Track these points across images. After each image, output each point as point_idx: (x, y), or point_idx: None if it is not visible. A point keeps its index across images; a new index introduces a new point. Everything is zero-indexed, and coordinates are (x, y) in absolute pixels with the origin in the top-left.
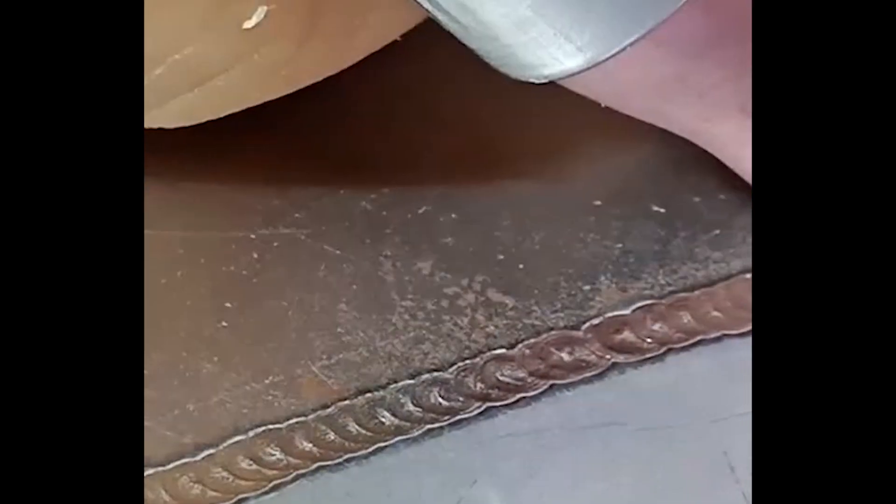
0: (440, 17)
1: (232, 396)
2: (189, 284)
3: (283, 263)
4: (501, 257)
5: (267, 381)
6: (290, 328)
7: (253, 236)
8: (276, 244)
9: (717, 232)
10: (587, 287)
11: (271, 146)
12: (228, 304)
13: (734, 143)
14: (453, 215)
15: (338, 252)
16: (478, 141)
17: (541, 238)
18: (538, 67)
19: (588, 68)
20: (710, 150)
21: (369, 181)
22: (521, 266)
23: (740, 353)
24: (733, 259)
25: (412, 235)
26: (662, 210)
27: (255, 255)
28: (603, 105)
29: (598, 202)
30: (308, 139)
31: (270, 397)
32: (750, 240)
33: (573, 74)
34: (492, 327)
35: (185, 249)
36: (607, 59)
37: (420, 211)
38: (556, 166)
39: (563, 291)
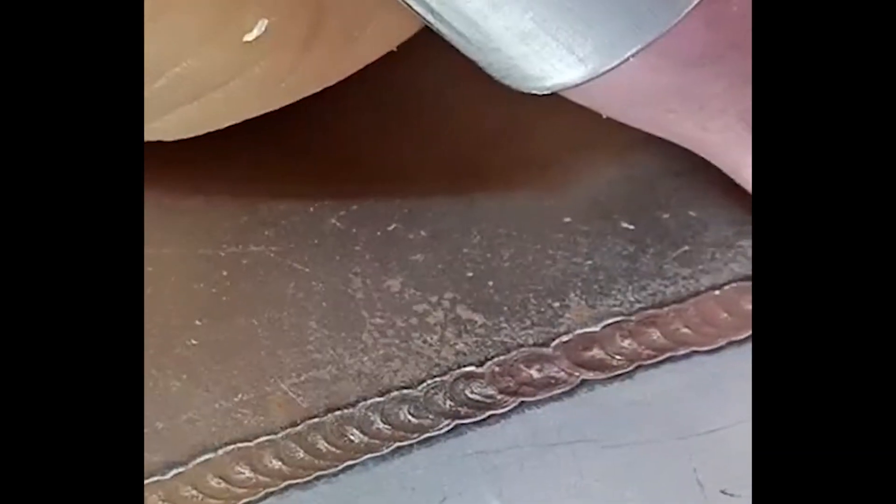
0: (442, 28)
1: (201, 414)
2: (158, 302)
3: (253, 281)
4: (471, 274)
5: (236, 399)
6: (259, 346)
7: (222, 254)
8: (245, 262)
9: (686, 248)
10: (556, 304)
11: (240, 164)
12: (198, 322)
13: (734, 153)
14: (422, 232)
15: (307, 269)
16: (446, 158)
17: (510, 255)
18: (540, 79)
19: (590, 80)
20: (709, 159)
21: (338, 198)
22: (490, 283)
23: (709, 370)
24: (702, 275)
25: (381, 253)
26: (631, 227)
27: (225, 273)
28: (605, 116)
29: (568, 219)
30: (276, 157)
31: (240, 415)
32: (718, 256)
33: (575, 86)
34: (461, 345)
35: (154, 267)
36: (609, 70)
37: (389, 228)
38: (524, 183)
39: (533, 308)
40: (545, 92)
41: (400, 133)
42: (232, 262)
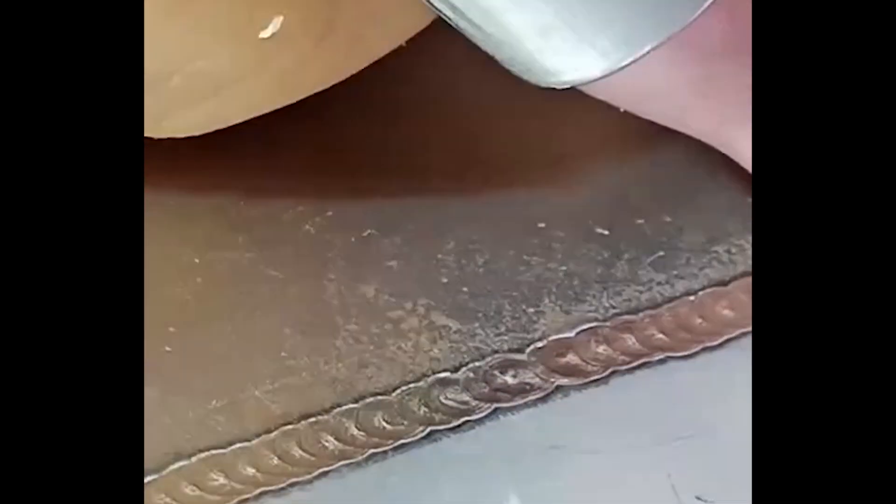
0: (462, 24)
1: (175, 421)
2: None
3: (227, 287)
4: (445, 280)
5: (210, 406)
6: (233, 352)
7: (197, 260)
8: (219, 268)
9: (661, 254)
10: (531, 310)
11: (214, 170)
12: (172, 329)
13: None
14: (397, 238)
15: (281, 276)
16: (420, 164)
17: (484, 261)
18: (561, 73)
19: (610, 74)
20: (726, 152)
21: (313, 205)
22: (464, 289)
23: (684, 376)
24: (677, 281)
25: (356, 259)
26: (606, 232)
27: (199, 280)
28: (622, 110)
29: (542, 224)
30: (251, 164)
31: (214, 422)
32: (693, 261)
33: (596, 80)
34: (436, 350)
35: None
36: (629, 64)
37: (364, 234)
38: (498, 189)
39: (507, 314)
40: (565, 86)
41: (373, 142)
42: (206, 268)
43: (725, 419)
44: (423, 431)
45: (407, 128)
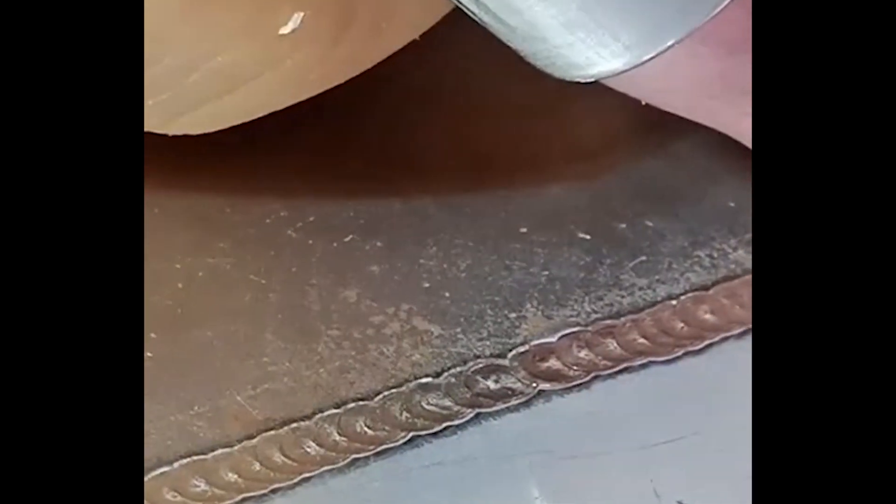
0: (486, 18)
1: (156, 427)
2: None
3: (208, 293)
4: (427, 285)
5: (192, 412)
6: (215, 358)
7: (178, 266)
8: (200, 273)
9: (643, 258)
10: (513, 315)
11: (195, 176)
12: (153, 335)
13: None
14: (378, 243)
15: (263, 281)
16: (401, 168)
17: (466, 266)
18: (585, 67)
19: (634, 67)
20: (749, 145)
21: (294, 210)
22: (446, 294)
23: (667, 380)
24: (659, 285)
25: (338, 264)
26: (587, 237)
27: (180, 285)
28: (644, 103)
29: (524, 229)
30: (231, 169)
31: (195, 428)
32: (675, 266)
33: (620, 73)
34: (417, 356)
35: None
36: (653, 57)
37: (345, 239)
38: (480, 194)
39: (489, 319)
40: (589, 80)
41: (355, 146)
42: (187, 274)
43: (708, 423)
44: (405, 437)
45: (388, 133)
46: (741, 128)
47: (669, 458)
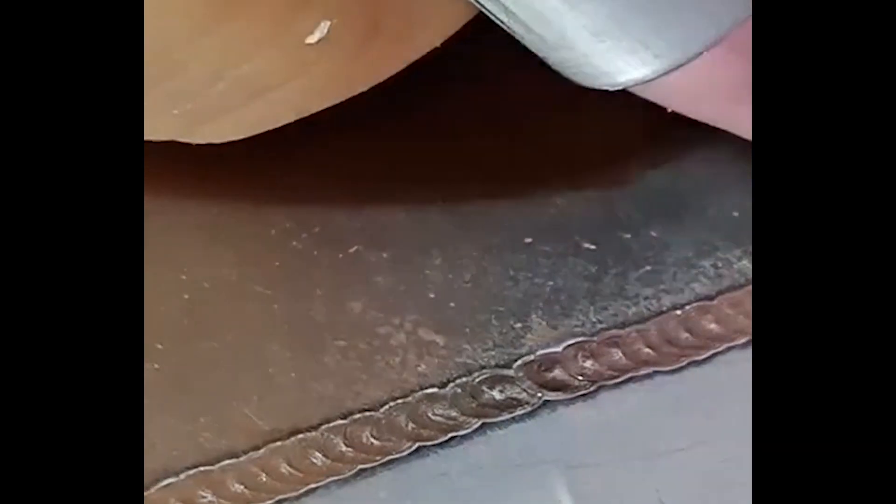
0: (515, 27)
1: (163, 438)
2: None
3: (214, 304)
4: (432, 296)
5: (198, 423)
6: (221, 369)
7: (183, 277)
8: (206, 285)
9: (648, 268)
10: (518, 325)
11: (200, 187)
12: (159, 346)
13: None
14: (384, 254)
15: (269, 292)
16: (406, 179)
17: (471, 276)
18: (614, 75)
19: (663, 74)
20: None
21: (299, 221)
22: (451, 304)
23: (672, 390)
24: (664, 295)
25: (343, 275)
26: (593, 247)
27: (186, 296)
28: (670, 111)
29: (529, 239)
30: (236, 180)
31: (202, 439)
32: (680, 276)
33: (648, 81)
34: (423, 366)
35: None
36: (683, 64)
37: (351, 250)
38: (485, 205)
39: (494, 329)
40: (617, 88)
41: (360, 157)
42: (193, 285)
43: (713, 433)
44: (410, 447)
45: (392, 144)
46: None
47: (675, 468)
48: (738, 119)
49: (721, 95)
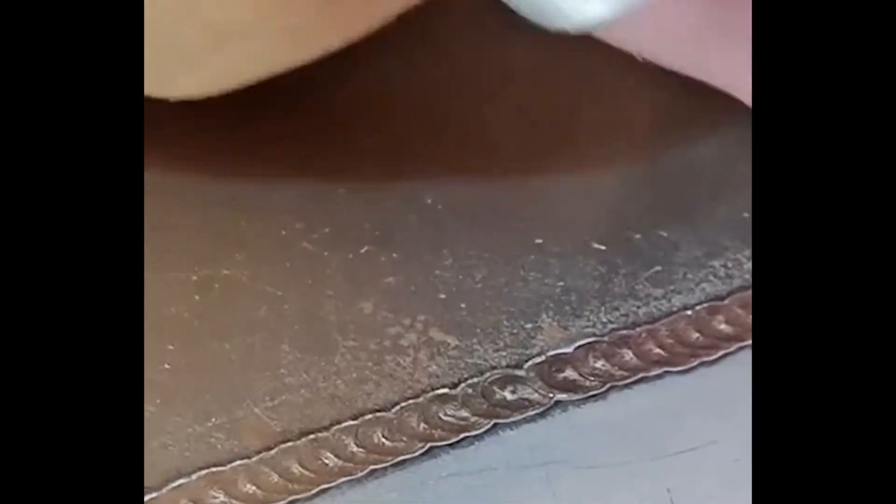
0: None
1: (174, 439)
2: None
3: (225, 305)
4: (443, 296)
5: (209, 424)
6: (232, 370)
7: (194, 277)
8: (217, 285)
9: (658, 269)
10: (529, 325)
11: (210, 187)
12: (171, 347)
13: None
14: (394, 255)
15: (279, 293)
16: (416, 179)
17: (482, 277)
18: (573, 14)
19: (624, 14)
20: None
21: (309, 221)
22: (462, 305)
23: (682, 390)
24: (674, 296)
25: (354, 275)
26: (603, 248)
27: (197, 297)
28: (640, 59)
29: (539, 240)
30: (247, 180)
31: (213, 440)
32: (690, 276)
33: (609, 21)
34: (434, 367)
35: None
36: (643, 4)
37: (361, 251)
38: (495, 205)
39: (506, 330)
40: (578, 30)
41: (371, 158)
42: (204, 286)
43: (724, 432)
44: (422, 448)
45: (403, 143)
46: (732, 79)
47: (685, 467)
48: (706, 65)
49: (689, 39)
